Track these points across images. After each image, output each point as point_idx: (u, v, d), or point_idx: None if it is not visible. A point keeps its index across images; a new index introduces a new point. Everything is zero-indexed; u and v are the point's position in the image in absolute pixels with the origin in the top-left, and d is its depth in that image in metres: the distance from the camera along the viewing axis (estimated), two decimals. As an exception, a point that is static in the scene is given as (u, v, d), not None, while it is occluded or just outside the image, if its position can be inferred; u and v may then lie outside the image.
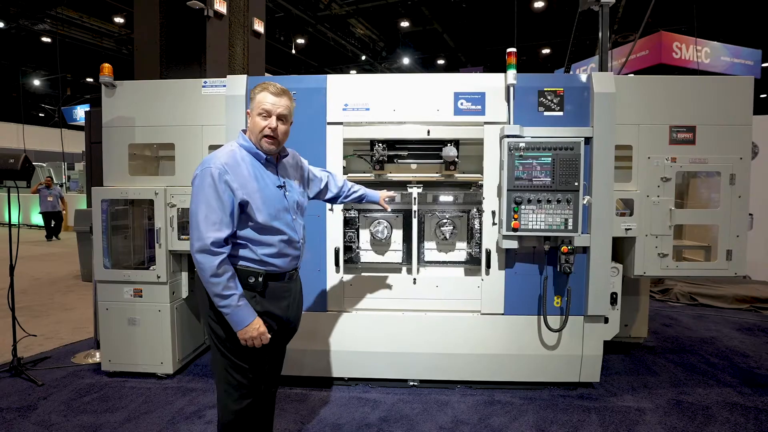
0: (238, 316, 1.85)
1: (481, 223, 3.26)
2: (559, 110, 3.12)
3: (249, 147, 1.98)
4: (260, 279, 1.94)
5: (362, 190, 2.68)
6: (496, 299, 3.23)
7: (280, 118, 1.95)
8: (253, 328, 1.87)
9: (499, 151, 3.13)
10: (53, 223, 11.93)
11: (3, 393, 3.28)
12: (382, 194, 2.77)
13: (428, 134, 3.27)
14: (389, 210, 2.84)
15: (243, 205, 1.89)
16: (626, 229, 3.23)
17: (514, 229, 3.02)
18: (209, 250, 1.81)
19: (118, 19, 14.83)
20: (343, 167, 3.25)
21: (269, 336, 1.92)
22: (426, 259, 3.63)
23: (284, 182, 2.04)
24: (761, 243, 6.14)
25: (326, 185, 2.48)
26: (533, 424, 2.89)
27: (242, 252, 1.93)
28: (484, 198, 3.20)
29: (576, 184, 2.97)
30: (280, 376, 2.31)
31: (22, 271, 7.43)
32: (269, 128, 1.93)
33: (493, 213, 3.18)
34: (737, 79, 3.29)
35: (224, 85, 3.33)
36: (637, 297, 4.01)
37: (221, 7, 5.66)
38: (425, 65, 19.69)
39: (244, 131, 2.03)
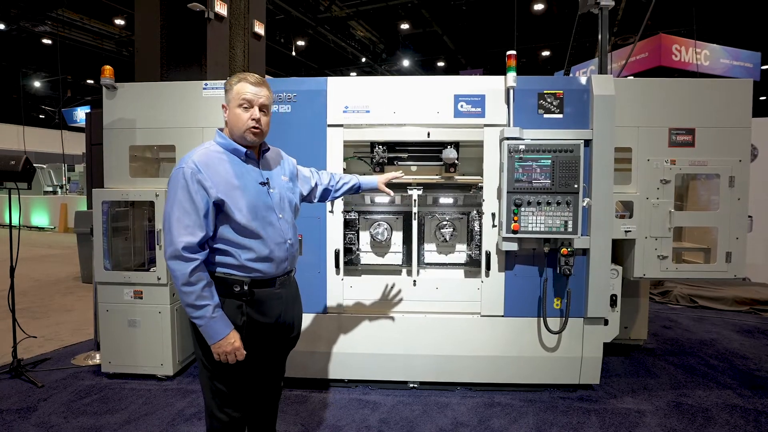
0: (212, 329, 1.72)
1: (481, 225, 3.27)
2: (558, 113, 3.13)
3: (226, 144, 1.86)
4: (246, 287, 1.80)
5: (355, 179, 2.47)
6: (495, 301, 3.24)
7: (262, 108, 1.86)
8: (228, 343, 1.74)
9: (498, 153, 3.14)
10: None
11: (3, 394, 3.28)
12: (381, 179, 2.55)
13: (428, 136, 3.28)
14: (392, 195, 2.61)
15: (219, 205, 1.77)
16: (626, 231, 3.24)
17: (514, 231, 3.03)
18: (181, 255, 1.69)
19: (119, 21, 14.87)
20: (344, 169, 3.26)
21: (244, 352, 1.79)
22: (426, 261, 3.63)
23: (267, 178, 1.91)
24: (761, 245, 6.15)
25: (316, 184, 2.31)
26: (533, 426, 2.89)
27: (223, 258, 1.80)
28: (483, 200, 3.20)
29: (576, 186, 2.98)
30: (282, 385, 2.21)
31: (22, 272, 7.43)
32: (253, 119, 1.82)
33: (493, 215, 3.18)
34: (736, 82, 3.31)
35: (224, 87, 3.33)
36: (637, 299, 4.02)
37: (222, 10, 5.67)
38: (425, 67, 19.73)
39: (221, 130, 1.92)
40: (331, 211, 3.23)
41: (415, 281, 3.31)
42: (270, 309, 1.90)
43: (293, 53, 16.70)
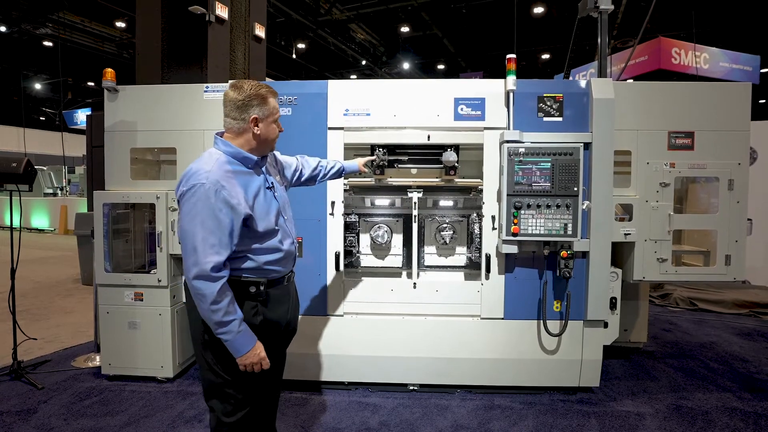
0: (239, 343, 1.74)
1: (480, 228, 3.27)
2: (558, 116, 3.14)
3: (235, 152, 1.84)
4: (262, 288, 1.86)
5: (339, 164, 2.63)
6: (495, 304, 3.24)
7: None
8: (255, 354, 1.77)
9: (498, 156, 3.15)
10: None
11: (3, 396, 3.28)
12: (360, 161, 2.81)
13: (428, 139, 3.29)
14: (367, 171, 2.78)
15: (246, 219, 1.78)
16: (625, 234, 3.24)
17: (514, 234, 3.03)
18: (209, 276, 1.67)
19: (120, 24, 14.90)
20: (344, 172, 3.27)
21: (269, 362, 1.82)
22: (426, 263, 3.64)
23: (272, 182, 1.96)
24: (760, 248, 6.15)
25: (298, 170, 2.35)
26: (533, 429, 2.89)
27: (244, 264, 1.84)
28: (483, 203, 3.21)
29: (575, 189, 2.99)
30: (282, 380, 2.26)
31: (23, 274, 7.42)
32: (280, 132, 1.95)
33: (493, 218, 3.19)
34: (735, 85, 3.32)
35: (226, 90, 3.34)
36: (637, 302, 4.02)
37: (223, 12, 5.68)
38: (425, 70, 19.75)
39: (220, 134, 1.89)
40: (332, 214, 3.24)
41: (415, 284, 3.32)
42: (280, 306, 1.96)
43: (294, 56, 16.72)
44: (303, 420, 2.98)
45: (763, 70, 12.11)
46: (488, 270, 3.22)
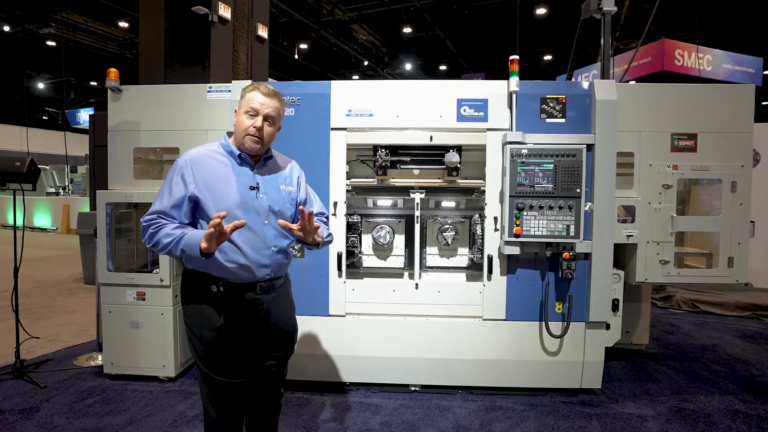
0: (192, 239, 1.75)
1: (483, 229, 3.27)
2: (561, 117, 3.14)
3: (225, 146, 1.96)
4: (221, 288, 1.85)
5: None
6: (497, 305, 3.24)
7: (267, 119, 1.90)
8: (209, 233, 1.68)
9: (501, 157, 3.15)
10: None
11: (6, 395, 3.29)
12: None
13: (431, 140, 3.29)
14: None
15: (195, 201, 1.85)
16: (628, 236, 3.24)
17: (516, 235, 3.03)
18: (151, 215, 1.85)
19: (123, 24, 14.94)
20: (346, 172, 3.27)
21: (229, 226, 1.69)
22: (428, 264, 3.64)
23: (258, 183, 1.93)
24: (763, 250, 6.14)
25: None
26: (535, 430, 2.89)
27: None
28: (486, 204, 3.21)
29: (578, 190, 2.99)
30: (282, 392, 2.19)
31: (25, 273, 7.44)
32: (254, 127, 1.87)
33: (495, 219, 3.19)
34: (738, 87, 3.32)
35: (229, 90, 3.36)
36: (639, 304, 4.02)
37: (226, 13, 5.69)
38: (427, 71, 19.75)
39: (230, 134, 1.99)
40: (334, 214, 3.24)
41: (417, 284, 3.32)
42: (250, 313, 1.92)
43: (296, 56, 16.73)
44: (304, 420, 2.99)
45: (766, 72, 12.07)
46: (490, 271, 3.22)
